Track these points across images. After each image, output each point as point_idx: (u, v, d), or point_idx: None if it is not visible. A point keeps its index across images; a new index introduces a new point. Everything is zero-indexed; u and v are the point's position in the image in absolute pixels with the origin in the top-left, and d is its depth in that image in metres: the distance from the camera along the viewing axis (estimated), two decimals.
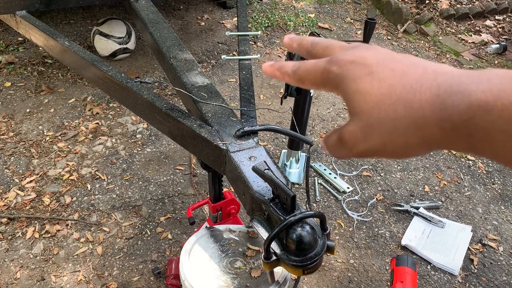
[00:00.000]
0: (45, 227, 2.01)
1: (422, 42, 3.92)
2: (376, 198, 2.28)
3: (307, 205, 1.12)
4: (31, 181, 2.24)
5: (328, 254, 0.82)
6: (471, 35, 4.06)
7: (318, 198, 2.25)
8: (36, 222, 2.03)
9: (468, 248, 2.03)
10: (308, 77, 0.42)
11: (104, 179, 2.28)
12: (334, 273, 1.90)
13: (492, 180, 2.47)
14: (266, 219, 0.89)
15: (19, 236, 1.97)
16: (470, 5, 4.34)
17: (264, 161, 0.98)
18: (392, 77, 0.35)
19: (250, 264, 1.08)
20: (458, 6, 4.31)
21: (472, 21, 4.26)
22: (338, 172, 2.42)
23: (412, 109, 0.33)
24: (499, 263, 1.99)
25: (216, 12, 4.05)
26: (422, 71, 0.35)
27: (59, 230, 2.00)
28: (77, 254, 1.90)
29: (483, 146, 0.31)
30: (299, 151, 2.31)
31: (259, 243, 1.13)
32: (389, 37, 3.95)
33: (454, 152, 2.63)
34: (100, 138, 2.54)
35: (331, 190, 2.29)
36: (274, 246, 0.82)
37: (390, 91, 0.35)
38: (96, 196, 2.18)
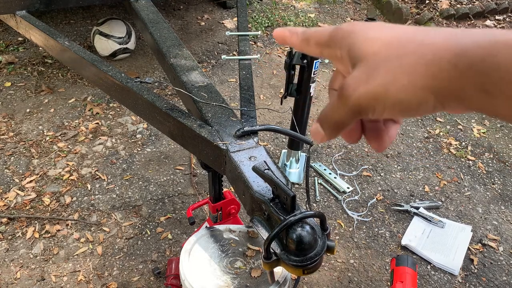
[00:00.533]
0: (45, 227, 2.01)
1: None
2: (376, 198, 2.28)
3: (307, 205, 1.12)
4: (31, 181, 2.24)
5: (328, 254, 0.82)
6: None
7: (318, 198, 2.25)
8: (36, 222, 2.03)
9: (468, 248, 2.03)
10: (315, 35, 0.41)
11: (104, 179, 2.28)
12: (334, 273, 1.90)
13: (492, 180, 2.47)
14: (266, 219, 0.89)
15: (19, 236, 1.97)
16: (470, 5, 4.34)
17: (264, 161, 0.98)
18: (405, 29, 0.34)
19: (250, 264, 1.08)
20: (458, 6, 4.31)
21: (472, 21, 4.26)
22: (338, 172, 2.42)
23: (423, 45, 0.32)
24: (499, 263, 1.99)
25: (216, 12, 4.06)
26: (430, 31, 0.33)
27: (59, 230, 2.00)
28: (77, 254, 1.90)
29: (499, 89, 0.28)
30: (299, 151, 2.31)
31: (259, 243, 1.13)
32: None
33: (454, 152, 2.63)
34: (100, 138, 2.54)
35: (331, 190, 2.29)
36: (274, 246, 0.82)
37: (401, 35, 0.34)
38: (96, 196, 2.18)
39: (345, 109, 0.36)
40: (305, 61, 1.86)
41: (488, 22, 4.27)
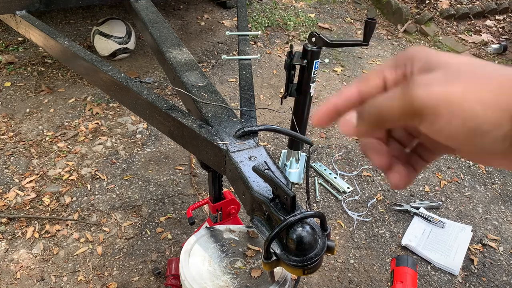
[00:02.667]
0: (45, 227, 2.01)
1: (422, 42, 3.92)
2: (376, 198, 2.27)
3: (307, 205, 1.12)
4: (31, 181, 2.23)
5: (328, 254, 0.82)
6: (471, 35, 4.05)
7: (318, 198, 2.25)
8: (36, 222, 2.03)
9: (468, 248, 2.03)
10: (382, 66, 0.36)
11: (104, 179, 2.28)
12: (334, 273, 1.90)
13: (492, 180, 2.47)
14: (266, 219, 0.89)
15: (19, 236, 1.97)
16: (470, 5, 4.34)
17: (264, 161, 0.98)
18: (483, 63, 0.32)
19: (250, 264, 1.08)
20: (458, 6, 4.31)
21: (472, 21, 4.26)
22: (338, 172, 2.42)
23: (510, 73, 0.30)
24: (499, 263, 1.99)
25: (216, 12, 4.05)
26: None
27: (59, 230, 2.00)
28: (77, 254, 1.90)
29: None
30: (299, 151, 2.31)
31: (259, 243, 1.13)
32: (389, 37, 3.94)
33: None
34: (100, 138, 2.54)
35: (331, 190, 2.29)
36: (274, 246, 0.82)
37: (480, 60, 0.32)
38: (96, 196, 2.18)
39: (403, 104, 0.32)
40: (305, 61, 1.86)
41: (488, 22, 4.27)
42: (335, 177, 2.36)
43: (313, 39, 1.81)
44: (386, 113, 0.33)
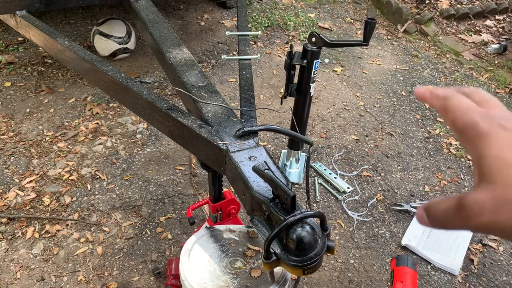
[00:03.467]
0: (45, 227, 2.01)
1: (422, 42, 3.92)
2: (376, 198, 2.27)
3: (307, 205, 1.12)
4: (31, 181, 2.24)
5: (328, 254, 0.82)
6: (471, 35, 4.06)
7: (318, 198, 2.25)
8: (36, 222, 2.03)
9: (468, 248, 2.03)
10: (454, 114, 0.40)
11: (104, 179, 2.28)
12: (334, 273, 1.90)
13: None
14: (266, 219, 0.89)
15: (19, 236, 1.97)
16: (470, 5, 4.34)
17: (264, 161, 0.98)
18: None
19: (250, 264, 1.08)
20: (458, 6, 4.31)
21: (472, 21, 4.26)
22: (338, 172, 2.42)
23: None
24: (499, 263, 1.99)
25: (216, 12, 4.06)
26: None
27: (59, 230, 2.00)
28: (77, 254, 1.90)
29: None
30: (299, 151, 2.31)
31: (259, 243, 1.13)
32: (389, 37, 3.95)
33: (454, 152, 2.63)
34: (100, 138, 2.54)
35: (331, 190, 2.29)
36: (274, 246, 0.82)
37: None
38: (96, 196, 2.18)
39: (461, 224, 0.36)
40: (305, 61, 1.86)
41: (488, 22, 4.27)
42: (335, 177, 2.36)
43: (313, 39, 1.82)
44: (448, 224, 0.38)
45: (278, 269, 1.04)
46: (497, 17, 4.37)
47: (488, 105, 0.40)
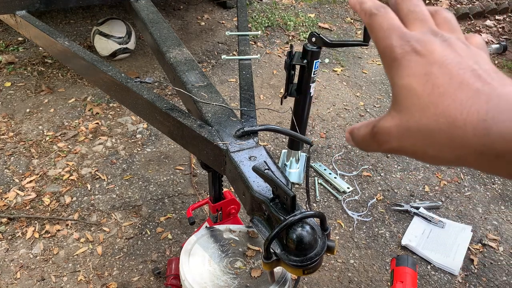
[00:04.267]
0: (45, 227, 2.01)
1: None
2: (376, 198, 2.27)
3: (307, 205, 1.12)
4: (31, 181, 2.24)
5: (328, 254, 0.82)
6: None
7: (318, 198, 2.25)
8: (36, 222, 2.03)
9: (468, 248, 2.03)
10: (376, 34, 0.39)
11: (104, 179, 2.28)
12: (334, 273, 1.90)
13: (492, 180, 2.47)
14: (266, 219, 0.89)
15: (19, 236, 1.97)
16: (470, 5, 4.34)
17: (264, 161, 0.98)
18: (447, 86, 0.34)
19: (250, 264, 1.08)
20: (458, 6, 4.32)
21: (472, 21, 4.26)
22: (338, 172, 2.42)
23: (454, 126, 0.32)
24: (499, 263, 1.99)
25: (216, 12, 4.06)
26: (478, 87, 0.33)
27: (59, 230, 2.00)
28: (77, 254, 1.90)
29: None
30: (299, 151, 2.31)
31: (259, 243, 1.13)
32: None
33: None
34: (100, 138, 2.54)
35: (331, 190, 2.29)
36: (274, 246, 0.82)
37: (438, 101, 0.33)
38: (96, 196, 2.18)
39: (376, 149, 0.39)
40: (305, 61, 1.86)
41: (488, 22, 4.27)
42: (335, 177, 2.36)
43: (313, 39, 1.82)
44: (365, 144, 0.40)
45: (278, 269, 1.04)
46: (497, 17, 4.37)
47: (444, 27, 0.39)
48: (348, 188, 2.31)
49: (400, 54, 0.36)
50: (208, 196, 1.50)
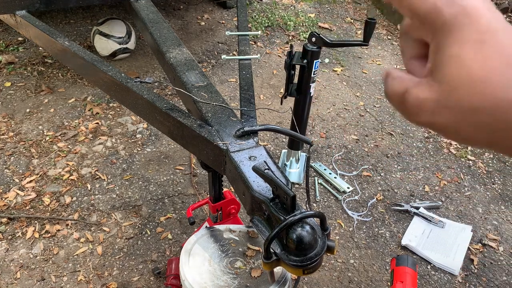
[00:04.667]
0: (45, 227, 2.01)
1: None
2: (376, 198, 2.27)
3: (307, 205, 1.12)
4: (31, 181, 2.24)
5: (328, 254, 0.82)
6: None
7: (318, 198, 2.25)
8: (36, 222, 2.03)
9: (468, 248, 2.03)
10: (414, 2, 0.34)
11: (104, 179, 2.28)
12: (334, 273, 1.90)
13: (492, 180, 2.47)
14: (266, 219, 0.89)
15: (19, 236, 1.97)
16: None
17: (264, 161, 0.98)
18: (499, 59, 0.30)
19: (250, 264, 1.08)
20: None
21: None
22: (338, 172, 2.42)
23: (501, 108, 0.30)
24: (499, 263, 1.99)
25: (216, 12, 4.06)
26: None
27: (59, 230, 2.00)
28: (77, 254, 1.90)
29: None
30: (299, 151, 2.31)
31: (259, 243, 1.13)
32: (389, 37, 3.94)
33: (454, 152, 2.63)
34: (100, 138, 2.54)
35: (331, 190, 2.29)
36: (274, 246, 0.82)
37: (488, 77, 0.30)
38: (96, 196, 2.18)
39: (404, 115, 0.36)
40: (305, 61, 1.86)
41: None
42: (335, 177, 2.36)
43: (313, 39, 1.82)
44: (393, 101, 0.37)
45: (278, 269, 1.04)
46: None
47: None
48: (348, 188, 2.31)
49: (449, 16, 0.32)
50: (208, 196, 1.50)
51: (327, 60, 3.47)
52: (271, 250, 0.81)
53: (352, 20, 4.17)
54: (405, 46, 0.39)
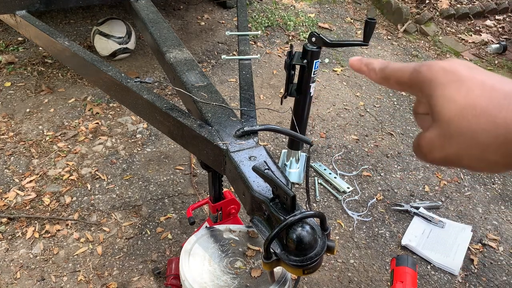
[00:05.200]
0: (45, 227, 2.01)
1: (422, 42, 3.92)
2: (376, 198, 2.27)
3: (307, 205, 1.12)
4: (31, 181, 2.24)
5: (328, 254, 0.82)
6: (471, 35, 4.06)
7: (318, 198, 2.25)
8: (36, 222, 2.03)
9: (468, 248, 2.03)
10: (395, 75, 0.42)
11: (104, 179, 2.28)
12: (334, 273, 1.90)
13: (492, 180, 2.47)
14: (266, 219, 0.89)
15: (19, 236, 1.97)
16: (470, 5, 4.34)
17: (264, 161, 0.98)
18: (481, 89, 0.35)
19: (250, 264, 1.08)
20: (458, 6, 4.31)
21: (472, 21, 4.26)
22: (338, 172, 2.42)
23: (496, 124, 0.33)
24: (499, 263, 1.99)
25: (216, 12, 4.05)
26: (508, 89, 0.34)
27: (59, 230, 2.00)
28: (77, 254, 1.90)
29: None
30: (299, 151, 2.31)
31: (259, 243, 1.13)
32: (389, 37, 3.95)
33: None
34: (100, 138, 2.54)
35: (331, 190, 2.29)
36: (274, 246, 0.82)
37: (475, 102, 0.35)
38: (96, 196, 2.18)
39: (423, 159, 0.41)
40: (305, 61, 1.86)
41: (488, 22, 4.27)
42: (335, 177, 2.36)
43: (313, 39, 1.82)
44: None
45: (278, 269, 1.04)
46: (497, 17, 4.37)
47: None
48: (348, 188, 2.31)
49: (427, 72, 0.39)
50: (208, 196, 1.50)
51: (327, 60, 3.47)
52: (271, 250, 0.81)
53: (352, 20, 4.17)
54: (414, 105, 0.46)
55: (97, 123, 2.65)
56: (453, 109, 0.36)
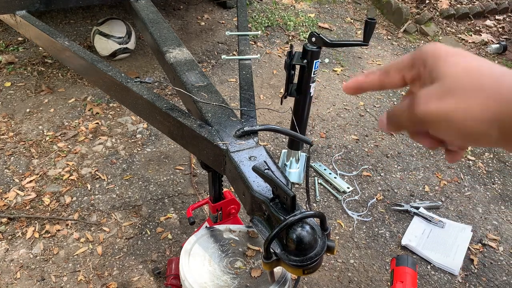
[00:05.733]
0: (45, 227, 2.01)
1: (422, 42, 3.92)
2: (376, 198, 2.27)
3: (307, 205, 1.12)
4: (31, 181, 2.24)
5: (328, 254, 0.82)
6: (471, 35, 4.06)
7: (318, 198, 2.25)
8: (36, 222, 2.03)
9: (468, 248, 2.03)
10: (395, 64, 0.44)
11: (104, 179, 2.28)
12: (334, 273, 1.90)
13: (492, 180, 2.47)
14: (266, 219, 0.89)
15: (19, 236, 1.97)
16: (470, 5, 4.33)
17: (264, 161, 0.98)
18: (484, 60, 0.37)
19: (250, 264, 1.08)
20: (458, 6, 4.31)
21: (472, 21, 4.26)
22: (338, 172, 2.42)
23: (500, 82, 0.34)
24: (499, 263, 1.99)
25: (216, 12, 4.05)
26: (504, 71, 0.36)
27: (59, 230, 2.00)
28: (77, 254, 1.90)
29: None
30: (299, 151, 2.31)
31: (259, 243, 1.13)
32: (389, 37, 3.95)
33: None
34: (100, 138, 2.54)
35: (331, 190, 2.29)
36: (274, 246, 0.82)
37: (481, 63, 0.36)
38: (96, 196, 2.18)
39: (410, 116, 0.40)
40: (305, 61, 1.86)
41: (488, 22, 4.27)
42: (335, 177, 2.36)
43: (313, 39, 1.82)
44: (400, 122, 0.42)
45: (278, 269, 1.04)
46: (497, 17, 4.37)
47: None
48: (348, 188, 2.31)
49: (431, 48, 0.41)
50: (208, 196, 1.50)
51: (327, 60, 3.47)
52: (271, 250, 0.81)
53: (352, 20, 4.17)
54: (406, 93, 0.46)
55: (97, 123, 2.65)
56: (459, 67, 0.37)
